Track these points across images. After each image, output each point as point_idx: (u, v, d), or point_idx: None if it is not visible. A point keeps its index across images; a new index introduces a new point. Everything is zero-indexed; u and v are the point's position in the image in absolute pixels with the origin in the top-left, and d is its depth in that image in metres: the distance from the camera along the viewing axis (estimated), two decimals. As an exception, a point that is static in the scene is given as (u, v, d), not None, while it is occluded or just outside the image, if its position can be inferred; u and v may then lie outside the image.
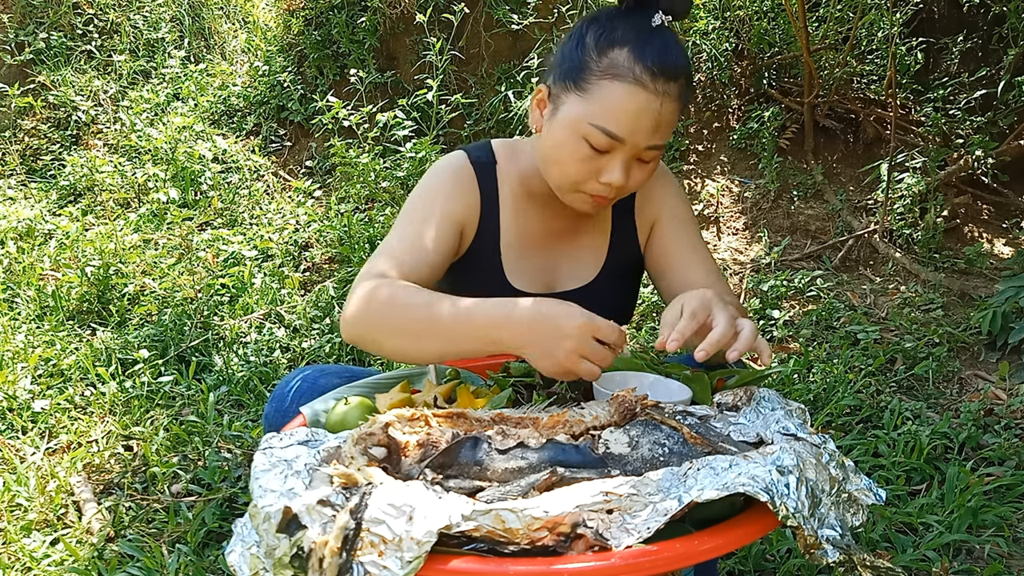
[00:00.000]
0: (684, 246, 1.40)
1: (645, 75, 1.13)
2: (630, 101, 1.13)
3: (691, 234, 1.42)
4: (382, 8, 4.34)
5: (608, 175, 1.17)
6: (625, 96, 1.13)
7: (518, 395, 1.14)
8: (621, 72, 1.14)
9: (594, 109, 1.15)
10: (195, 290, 3.10)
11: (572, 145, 1.18)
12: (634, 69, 1.13)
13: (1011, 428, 2.23)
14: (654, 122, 1.15)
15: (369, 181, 3.79)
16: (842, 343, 2.78)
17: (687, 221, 1.43)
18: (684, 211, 1.43)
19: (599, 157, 1.17)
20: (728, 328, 1.02)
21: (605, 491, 0.81)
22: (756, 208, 3.89)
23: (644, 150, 1.17)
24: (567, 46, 1.21)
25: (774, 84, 4.22)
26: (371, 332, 1.13)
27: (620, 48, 1.14)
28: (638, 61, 1.13)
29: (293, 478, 0.83)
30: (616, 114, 1.14)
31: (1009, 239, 3.71)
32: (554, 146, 1.21)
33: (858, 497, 0.88)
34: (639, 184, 1.22)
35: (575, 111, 1.17)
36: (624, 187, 1.20)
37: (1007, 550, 1.76)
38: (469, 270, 1.36)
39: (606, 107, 1.14)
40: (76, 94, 4.52)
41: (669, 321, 1.07)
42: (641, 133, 1.15)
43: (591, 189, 1.20)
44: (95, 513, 1.91)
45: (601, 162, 1.18)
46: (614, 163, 1.17)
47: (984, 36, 3.96)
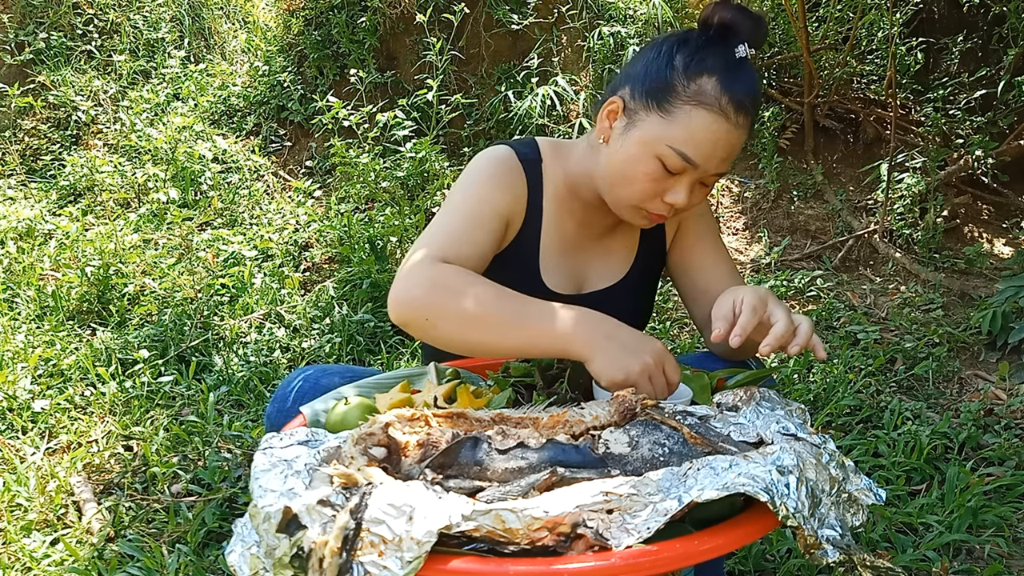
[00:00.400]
0: (709, 245, 1.43)
1: (730, 107, 1.16)
2: (712, 131, 1.16)
3: (715, 233, 1.45)
4: (382, 8, 4.34)
5: (673, 196, 1.20)
6: (709, 125, 1.16)
7: (518, 395, 1.14)
8: (708, 101, 1.16)
9: (676, 133, 1.17)
10: (195, 290, 3.10)
11: (646, 163, 1.19)
12: (720, 100, 1.16)
13: (1011, 428, 2.23)
14: (728, 152, 1.19)
15: (369, 181, 3.79)
16: (842, 343, 2.78)
17: (711, 220, 1.46)
18: (708, 211, 1.46)
19: (668, 178, 1.20)
20: (789, 324, 1.04)
21: (605, 491, 0.81)
22: (756, 208, 3.89)
23: (710, 176, 1.21)
24: (652, 63, 1.21)
25: (774, 84, 4.22)
26: (431, 315, 1.11)
27: (709, 76, 1.16)
28: (725, 92, 1.16)
29: (293, 478, 0.83)
30: (697, 141, 1.16)
31: (1009, 239, 3.71)
32: (625, 161, 1.22)
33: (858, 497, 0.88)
34: (697, 203, 1.27)
35: (655, 131, 1.18)
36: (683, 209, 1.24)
37: (1007, 550, 1.76)
38: (507, 264, 1.34)
39: (688, 132, 1.16)
40: (76, 94, 4.52)
41: (722, 315, 1.08)
42: (714, 161, 1.18)
43: (653, 208, 1.23)
44: (95, 513, 1.91)
45: (669, 183, 1.20)
46: (681, 185, 1.20)
47: (984, 36, 3.96)
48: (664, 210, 1.23)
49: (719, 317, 1.08)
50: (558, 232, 1.36)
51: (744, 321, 1.04)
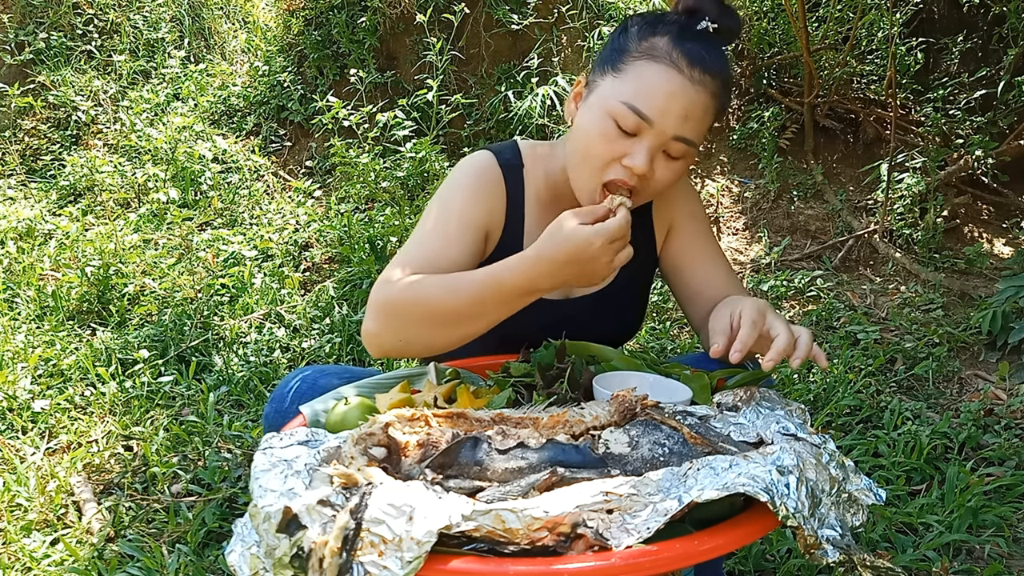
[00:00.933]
0: (703, 245, 1.40)
1: (682, 60, 1.13)
2: (663, 82, 1.13)
3: (708, 233, 1.42)
4: (382, 8, 4.34)
5: (631, 159, 1.15)
6: (659, 76, 1.13)
7: (518, 395, 1.14)
8: (658, 54, 1.14)
9: (626, 88, 1.14)
10: (195, 290, 3.10)
11: (600, 123, 1.16)
12: (671, 53, 1.14)
13: (1011, 428, 2.23)
14: (684, 109, 1.13)
15: (369, 181, 3.79)
16: (842, 343, 2.78)
17: (704, 221, 1.43)
18: (701, 211, 1.43)
19: (624, 139, 1.15)
20: (790, 337, 1.04)
21: (605, 491, 0.81)
22: (756, 208, 3.89)
23: (671, 140, 1.15)
24: (610, 40, 1.22)
25: (774, 84, 4.22)
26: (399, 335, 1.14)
27: (661, 36, 1.15)
28: (677, 47, 1.14)
29: (293, 478, 0.83)
30: (647, 93, 1.13)
31: (1009, 239, 3.71)
32: (581, 127, 1.20)
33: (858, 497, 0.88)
34: (662, 184, 1.20)
35: (608, 90, 1.17)
36: (646, 180, 1.18)
37: (1007, 550, 1.76)
38: None
39: (639, 86, 1.14)
40: (76, 94, 4.52)
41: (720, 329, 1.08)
42: (671, 117, 1.13)
43: (612, 174, 1.17)
44: (95, 513, 1.91)
45: (626, 144, 1.16)
46: (639, 147, 1.15)
47: (984, 36, 3.96)
48: (624, 175, 1.16)
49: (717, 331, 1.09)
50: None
51: (744, 336, 1.05)
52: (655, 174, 1.18)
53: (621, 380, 1.16)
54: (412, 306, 1.13)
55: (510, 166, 1.34)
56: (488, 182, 1.31)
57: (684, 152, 1.18)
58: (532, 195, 1.34)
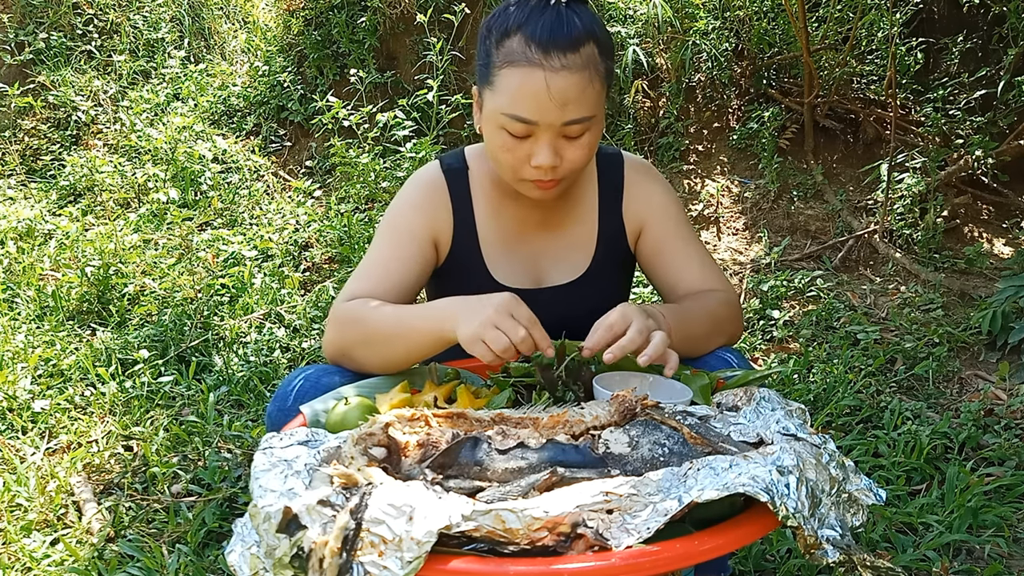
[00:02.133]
0: (675, 244, 1.41)
1: (537, 54, 1.15)
2: (528, 84, 1.15)
3: (681, 230, 1.42)
4: (382, 8, 4.34)
5: (536, 158, 1.20)
6: (522, 80, 1.15)
7: (518, 395, 1.14)
8: (515, 58, 1.16)
9: (501, 100, 1.18)
10: (195, 290, 3.10)
11: (497, 137, 1.21)
12: (526, 52, 1.15)
13: (1011, 428, 2.23)
14: (559, 99, 1.15)
15: (369, 181, 3.79)
16: (842, 343, 2.78)
17: (676, 217, 1.43)
18: (673, 209, 1.43)
19: (523, 143, 1.20)
20: (636, 336, 1.08)
21: (605, 491, 0.81)
22: (756, 208, 3.89)
23: (563, 127, 1.18)
24: (479, 48, 1.25)
25: (774, 84, 4.21)
26: (345, 349, 1.25)
27: (513, 35, 1.17)
28: (529, 42, 1.15)
29: (293, 478, 0.83)
30: (519, 99, 1.16)
31: (1009, 239, 3.71)
32: (487, 143, 1.26)
33: (858, 497, 0.88)
34: (580, 160, 1.23)
35: (490, 105, 1.21)
36: (561, 166, 1.21)
37: (1007, 550, 1.76)
38: (454, 274, 1.40)
39: (510, 95, 1.17)
40: (76, 94, 4.52)
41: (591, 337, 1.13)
42: (551, 111, 1.16)
43: (529, 175, 1.23)
44: (95, 513, 1.91)
45: (527, 147, 1.20)
46: (539, 146, 1.19)
47: (984, 36, 3.96)
48: (539, 174, 1.22)
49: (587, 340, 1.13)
50: (497, 228, 1.40)
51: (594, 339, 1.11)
52: (566, 157, 1.22)
53: (621, 380, 1.16)
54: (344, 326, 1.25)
55: (454, 171, 1.40)
56: (429, 192, 1.39)
57: (583, 128, 1.20)
58: (480, 194, 1.40)
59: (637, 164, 1.45)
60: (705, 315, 1.30)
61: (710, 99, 4.24)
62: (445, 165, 1.41)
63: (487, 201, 1.40)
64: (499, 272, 1.40)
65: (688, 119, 4.21)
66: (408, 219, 1.37)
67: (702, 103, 4.25)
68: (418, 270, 1.34)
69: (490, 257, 1.39)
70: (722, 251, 3.72)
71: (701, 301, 1.33)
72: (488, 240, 1.39)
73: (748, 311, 3.10)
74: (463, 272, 1.40)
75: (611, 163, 1.44)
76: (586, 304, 1.26)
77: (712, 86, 4.22)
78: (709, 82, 4.22)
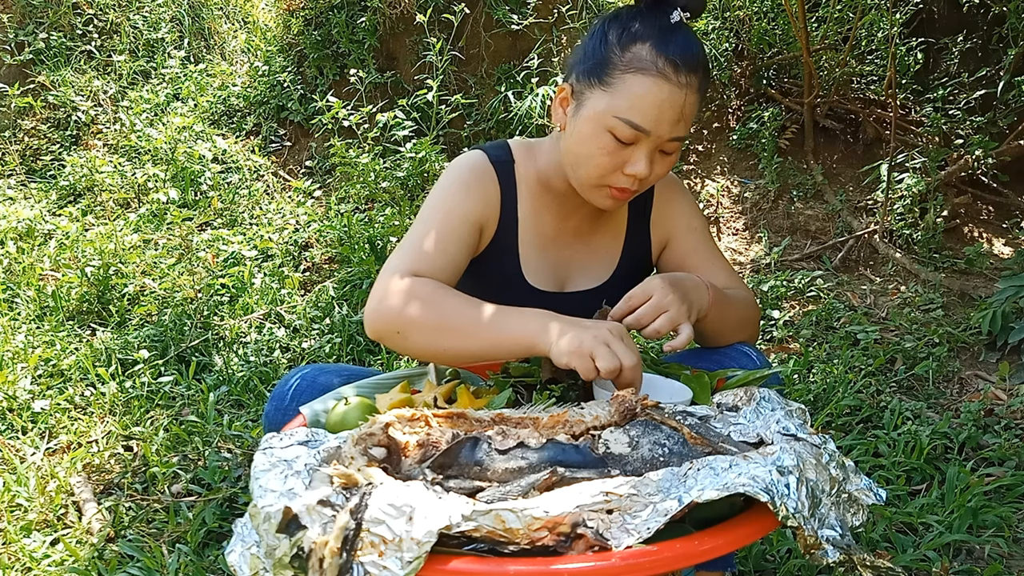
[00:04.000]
0: (701, 257, 1.42)
1: (668, 67, 1.16)
2: (654, 93, 1.16)
3: (706, 244, 1.44)
4: (382, 8, 4.34)
5: (633, 167, 1.20)
6: (649, 89, 1.16)
7: (518, 395, 1.14)
8: (644, 65, 1.16)
9: (619, 103, 1.17)
10: (195, 290, 3.10)
11: (598, 139, 1.20)
12: (657, 62, 1.16)
13: (1011, 428, 2.23)
14: (677, 114, 1.17)
15: (369, 181, 3.79)
16: (842, 343, 2.78)
17: (701, 231, 1.45)
18: (698, 222, 1.45)
19: (624, 149, 1.20)
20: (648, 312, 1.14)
21: (605, 491, 0.81)
22: (756, 208, 3.89)
23: (667, 141, 1.20)
24: (589, 43, 1.24)
25: (774, 84, 4.21)
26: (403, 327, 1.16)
27: (642, 43, 1.17)
28: (660, 54, 1.16)
29: (293, 478, 0.83)
30: (641, 106, 1.16)
31: (1009, 239, 3.71)
32: (580, 141, 1.23)
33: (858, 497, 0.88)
34: (660, 176, 1.25)
35: (600, 105, 1.19)
36: (648, 179, 1.23)
37: (1007, 550, 1.76)
38: (488, 266, 1.37)
39: (631, 100, 1.17)
40: (76, 94, 4.52)
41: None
42: (665, 124, 1.17)
43: (616, 182, 1.22)
44: (95, 513, 1.91)
45: (625, 154, 1.20)
46: (638, 155, 1.19)
47: (984, 36, 3.96)
48: (628, 183, 1.22)
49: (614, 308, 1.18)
50: (536, 229, 1.38)
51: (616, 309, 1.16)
52: (655, 171, 1.23)
53: (621, 380, 1.15)
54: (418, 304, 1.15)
55: (501, 163, 1.37)
56: (482, 176, 1.35)
57: (679, 146, 1.24)
58: (525, 190, 1.38)
59: (668, 177, 1.46)
60: (739, 306, 1.33)
61: (710, 99, 4.24)
62: (492, 156, 1.37)
63: (531, 199, 1.38)
64: (529, 271, 1.38)
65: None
66: (461, 200, 1.31)
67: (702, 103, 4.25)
68: (468, 254, 1.31)
69: (524, 255, 1.38)
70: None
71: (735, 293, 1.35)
72: (525, 238, 1.38)
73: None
74: (497, 265, 1.37)
75: None
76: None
77: (712, 86, 4.22)
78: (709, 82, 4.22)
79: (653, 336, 1.14)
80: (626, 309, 1.15)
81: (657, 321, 1.13)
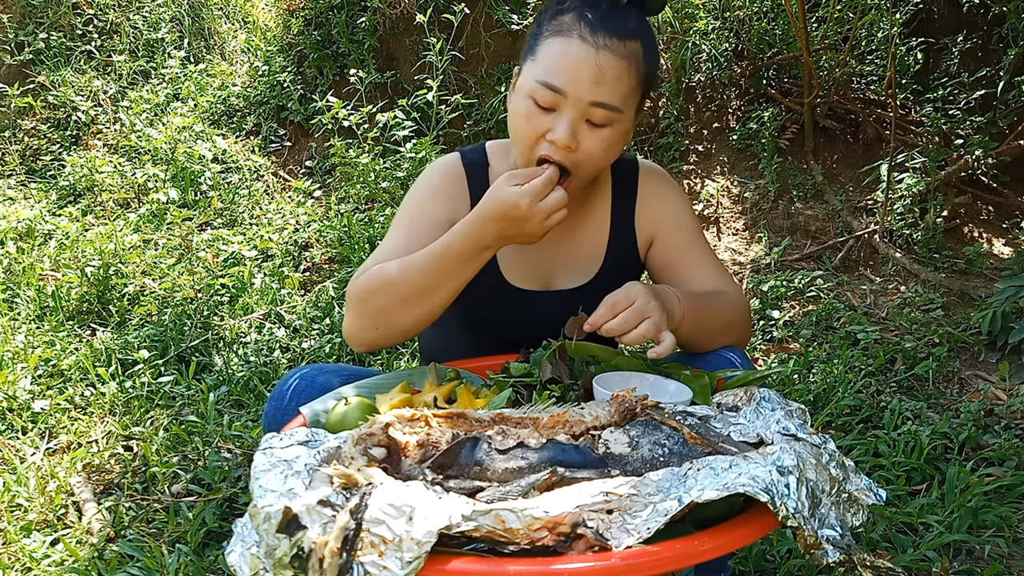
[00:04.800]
0: (687, 254, 1.41)
1: (585, 29, 1.17)
2: (569, 53, 1.17)
3: (695, 241, 1.42)
4: (382, 8, 4.34)
5: (553, 133, 1.20)
6: (564, 49, 1.18)
7: (518, 395, 1.14)
8: (563, 29, 1.19)
9: (539, 68, 1.20)
10: (195, 290, 3.10)
11: (522, 105, 1.22)
12: (576, 25, 1.18)
13: (1011, 428, 2.23)
14: (593, 74, 1.17)
15: (369, 181, 3.79)
16: (842, 343, 2.78)
17: (689, 228, 1.43)
18: (686, 219, 1.43)
19: (545, 116, 1.20)
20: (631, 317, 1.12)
21: (605, 491, 0.81)
22: (756, 208, 3.89)
23: (589, 107, 1.19)
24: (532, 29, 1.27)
25: (774, 84, 4.21)
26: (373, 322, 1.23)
27: (568, 12, 1.20)
28: (580, 18, 1.18)
29: (293, 478, 0.83)
30: (556, 66, 1.18)
31: (1009, 239, 3.71)
32: (511, 116, 1.27)
33: (858, 497, 0.88)
34: (595, 153, 1.22)
35: (525, 76, 1.23)
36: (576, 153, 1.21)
37: (1007, 550, 1.76)
38: None
39: (548, 62, 1.19)
40: (76, 94, 4.52)
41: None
42: (583, 85, 1.17)
43: (543, 151, 1.22)
44: (95, 513, 1.91)
45: (547, 120, 1.20)
46: (559, 120, 1.19)
47: (984, 36, 3.96)
48: (551, 150, 1.21)
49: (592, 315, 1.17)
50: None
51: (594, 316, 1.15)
52: (582, 144, 1.21)
53: (621, 380, 1.16)
54: (377, 292, 1.21)
55: (474, 165, 1.40)
56: (449, 180, 1.38)
57: (608, 118, 1.21)
58: None
59: (652, 172, 1.45)
60: (719, 311, 1.31)
61: (710, 99, 4.24)
62: (466, 159, 1.41)
63: None
64: (509, 272, 1.39)
65: (688, 119, 4.21)
66: (428, 205, 1.36)
67: (702, 103, 4.26)
68: None
69: (502, 257, 1.39)
70: (722, 251, 3.72)
71: (716, 297, 1.34)
72: None
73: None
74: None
75: (626, 170, 1.43)
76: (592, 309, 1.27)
77: (712, 86, 4.22)
78: (709, 82, 4.22)
79: (636, 341, 1.12)
80: (609, 314, 1.14)
81: (641, 326, 1.12)
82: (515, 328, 1.33)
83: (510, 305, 1.39)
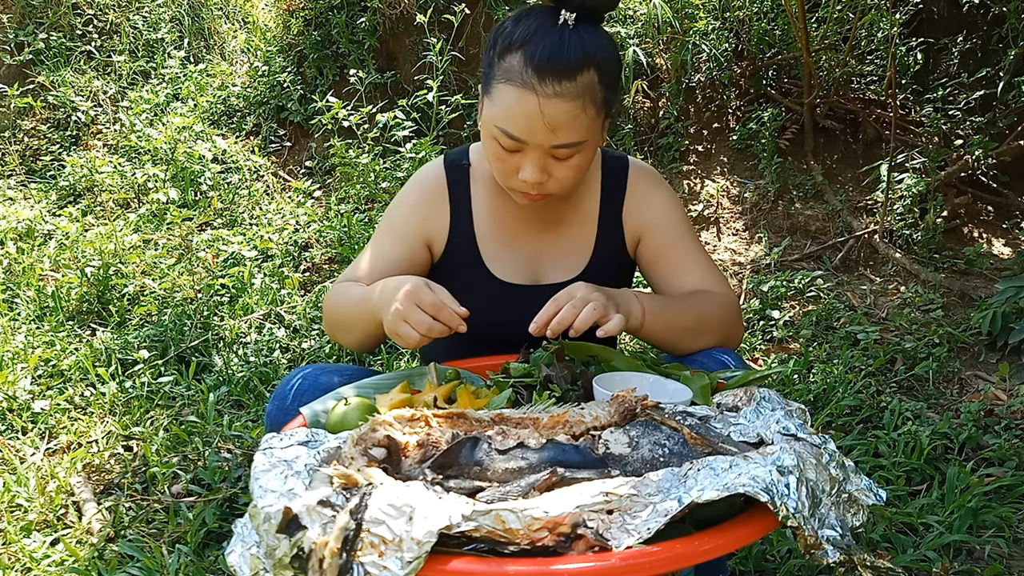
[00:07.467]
0: (675, 252, 1.41)
1: (533, 78, 1.15)
2: (521, 104, 1.16)
3: (683, 239, 1.42)
4: (382, 8, 4.34)
5: (523, 173, 1.22)
6: (517, 100, 1.17)
7: (518, 395, 1.14)
8: (512, 76, 1.17)
9: (496, 112, 1.20)
10: (195, 290, 3.10)
11: (490, 146, 1.24)
12: (523, 73, 1.16)
13: (1011, 428, 2.23)
14: (548, 124, 1.16)
15: (369, 181, 3.79)
16: (842, 343, 2.78)
17: (677, 225, 1.43)
18: (675, 216, 1.43)
19: (513, 156, 1.22)
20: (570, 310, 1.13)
21: (605, 491, 0.81)
22: (756, 209, 3.89)
23: (552, 149, 1.20)
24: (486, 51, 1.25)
25: (774, 84, 4.21)
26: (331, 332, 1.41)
27: (515, 52, 1.17)
28: (528, 64, 1.15)
29: (293, 478, 0.83)
30: (512, 117, 1.18)
31: (1009, 239, 3.71)
32: (483, 145, 1.28)
33: (858, 497, 0.88)
34: (568, 179, 1.24)
35: (486, 114, 1.23)
36: (548, 184, 1.23)
37: (1007, 551, 1.76)
38: (452, 269, 1.43)
39: (504, 110, 1.18)
40: (76, 94, 4.52)
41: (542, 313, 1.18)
42: (538, 134, 1.18)
43: (516, 186, 1.25)
44: (95, 513, 1.91)
45: (516, 160, 1.22)
46: (526, 161, 1.21)
47: (984, 36, 3.96)
48: (526, 188, 1.24)
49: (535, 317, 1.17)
50: (495, 224, 1.41)
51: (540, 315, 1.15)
52: (553, 174, 1.23)
53: (621, 381, 1.16)
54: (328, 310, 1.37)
55: (456, 167, 1.43)
56: (426, 192, 1.42)
57: (573, 151, 1.21)
58: (480, 190, 1.42)
59: (641, 170, 1.45)
60: (691, 309, 1.31)
61: (710, 99, 4.24)
62: (448, 161, 1.44)
63: (488, 198, 1.42)
64: (497, 268, 1.41)
65: (688, 119, 4.21)
66: (403, 219, 1.42)
67: (702, 103, 4.26)
68: (408, 269, 1.38)
69: (488, 253, 1.41)
70: (722, 251, 3.72)
71: (690, 297, 1.34)
72: (486, 236, 1.41)
73: (748, 311, 3.10)
74: (461, 268, 1.42)
75: (616, 167, 1.44)
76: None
77: (712, 86, 4.22)
78: (709, 82, 4.22)
79: (582, 327, 1.12)
80: (553, 310, 1.15)
81: (585, 310, 1.12)
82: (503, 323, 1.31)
83: (497, 299, 1.40)
